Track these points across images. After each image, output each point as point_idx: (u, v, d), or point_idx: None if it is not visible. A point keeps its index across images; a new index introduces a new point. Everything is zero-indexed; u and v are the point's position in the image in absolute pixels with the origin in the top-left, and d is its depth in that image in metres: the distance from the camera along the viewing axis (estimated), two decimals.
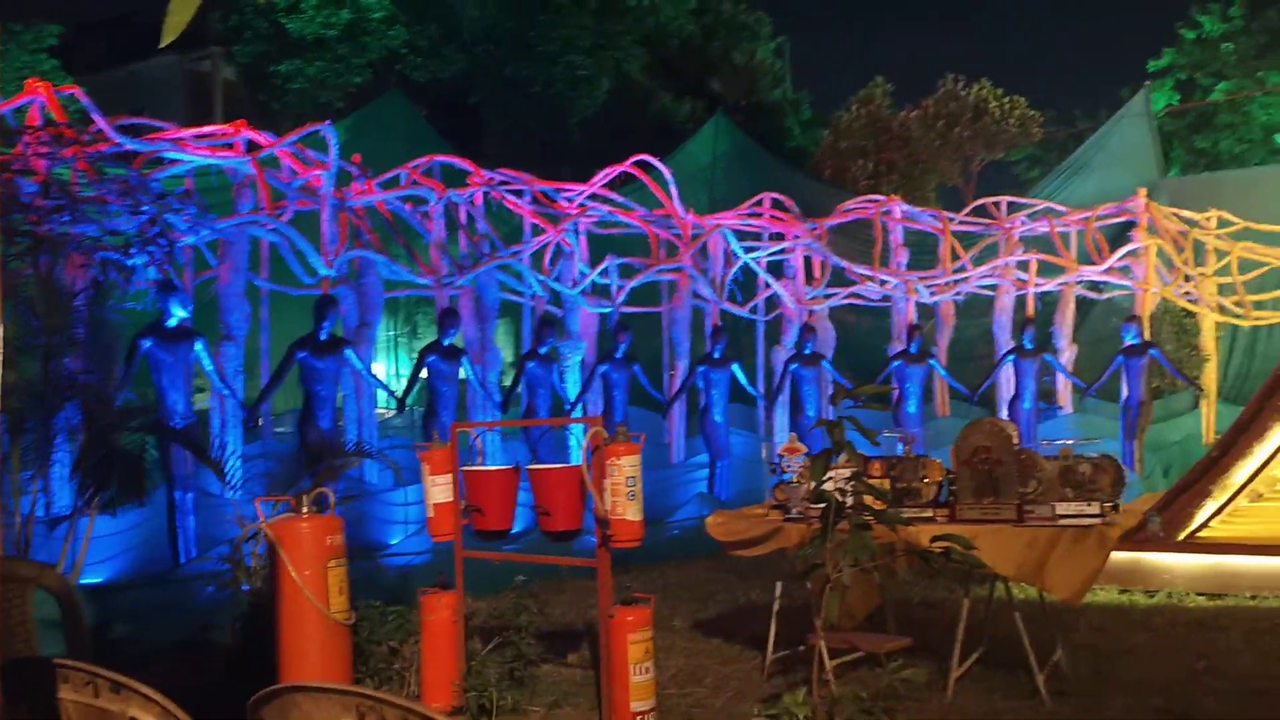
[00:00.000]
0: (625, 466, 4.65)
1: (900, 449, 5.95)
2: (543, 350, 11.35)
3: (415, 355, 11.30)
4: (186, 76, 26.38)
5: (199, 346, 8.66)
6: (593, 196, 12.59)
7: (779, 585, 5.87)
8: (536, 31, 20.90)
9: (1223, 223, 15.55)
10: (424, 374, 10.48)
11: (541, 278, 11.77)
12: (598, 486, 4.69)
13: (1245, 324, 15.44)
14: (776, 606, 5.81)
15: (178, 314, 8.43)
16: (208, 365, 8.84)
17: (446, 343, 10.45)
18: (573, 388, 11.79)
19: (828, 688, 5.28)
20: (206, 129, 9.81)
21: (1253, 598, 7.21)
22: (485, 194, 11.74)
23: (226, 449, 8.60)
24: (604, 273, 12.21)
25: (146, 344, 8.34)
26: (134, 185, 7.73)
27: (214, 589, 6.36)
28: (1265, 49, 27.03)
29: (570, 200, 12.50)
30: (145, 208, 7.72)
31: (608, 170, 12.80)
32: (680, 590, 8.31)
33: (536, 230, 12.04)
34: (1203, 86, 27.75)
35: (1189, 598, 7.38)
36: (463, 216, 11.65)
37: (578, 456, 5.54)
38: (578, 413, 11.57)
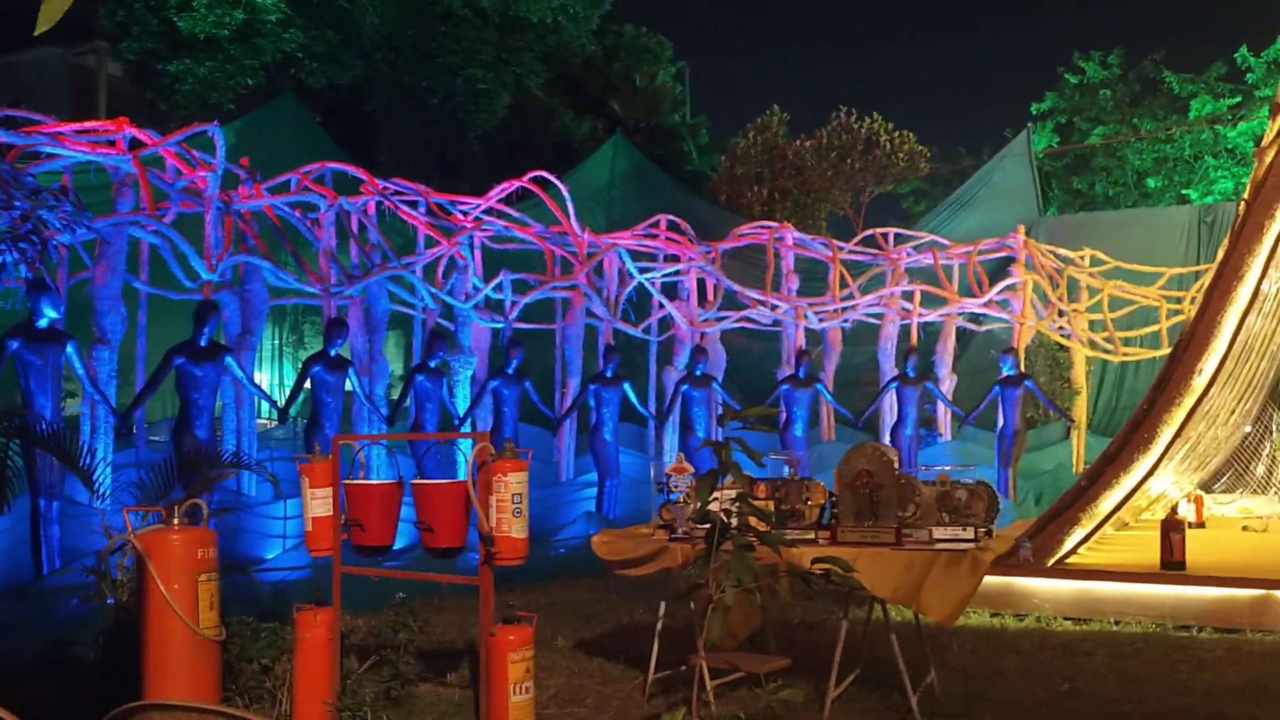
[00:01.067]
0: (512, 483, 4.60)
1: (786, 471, 6.03)
2: (433, 364, 11.22)
3: (300, 365, 11.05)
4: (70, 71, 25.34)
5: (70, 349, 8.33)
6: (489, 211, 12.53)
7: (663, 605, 5.89)
8: (438, 42, 20.72)
9: (1095, 261, 16.23)
10: (308, 385, 10.25)
11: (434, 290, 11.64)
12: (483, 503, 4.64)
13: (1114, 359, 16.11)
14: (659, 626, 5.82)
15: (49, 315, 8.09)
16: (79, 369, 8.50)
17: (333, 353, 10.24)
18: (462, 402, 11.67)
19: (708, 708, 5.33)
20: (87, 124, 9.45)
21: (1116, 623, 7.48)
22: (379, 203, 11.57)
23: (96, 456, 8.24)
24: (498, 288, 12.13)
25: (14, 345, 7.99)
26: (6, 180, 7.38)
27: (78, 602, 6.09)
28: (1139, 97, 28.39)
29: (466, 214, 12.42)
30: (18, 203, 7.37)
31: (505, 185, 12.76)
32: (564, 609, 8.27)
33: (430, 242, 11.91)
34: (1081, 130, 28.97)
35: (1056, 622, 7.63)
36: (354, 225, 11.45)
37: (465, 472, 5.46)
38: (466, 428, 11.46)
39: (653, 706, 5.52)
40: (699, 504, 4.47)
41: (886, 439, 13.77)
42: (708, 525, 4.42)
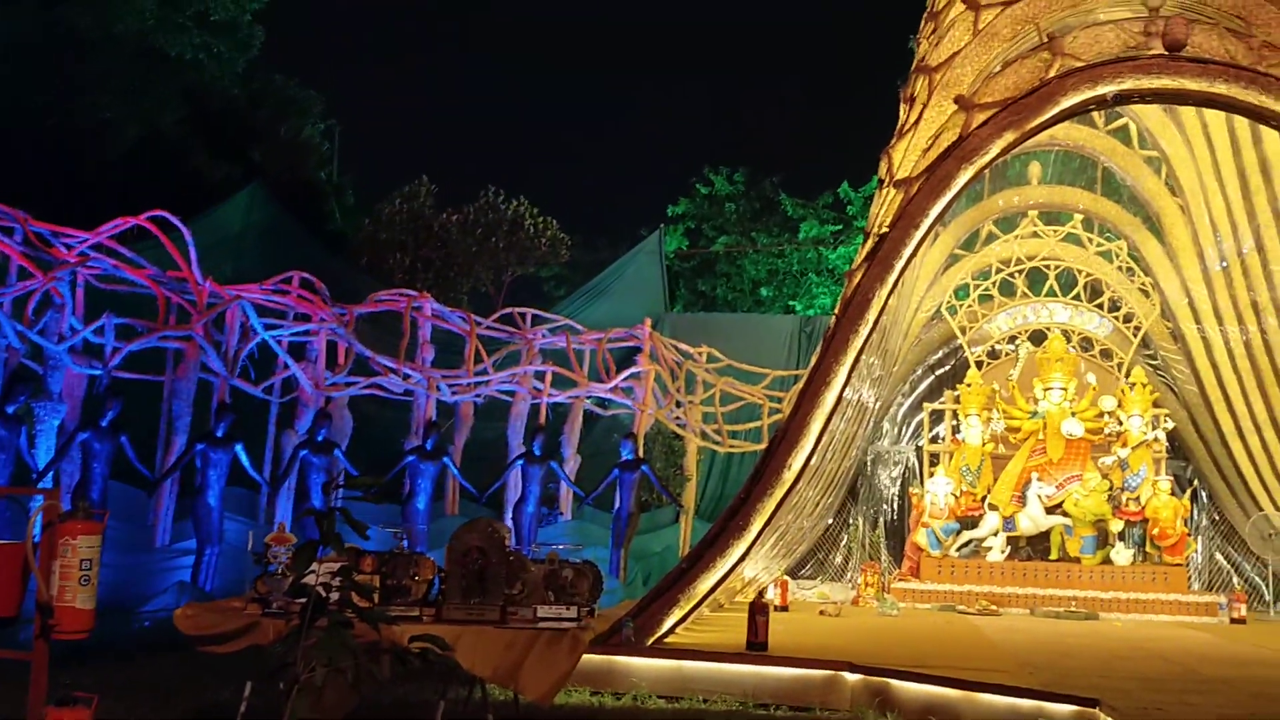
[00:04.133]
0: (81, 547, 4.14)
1: (406, 544, 5.89)
2: (10, 409, 9.99)
3: None
4: None
5: None
6: (98, 246, 11.45)
7: (249, 685, 5.50)
8: (63, 61, 18.95)
9: (712, 358, 17.41)
10: None
11: (21, 328, 10.42)
12: (44, 568, 4.13)
13: (721, 450, 17.25)
14: (243, 707, 5.43)
15: None
16: None
17: None
18: (44, 454, 10.46)
19: None
20: None
21: (705, 701, 7.86)
22: None
23: None
24: (99, 331, 11.07)
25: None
26: None
27: None
28: (759, 214, 31.17)
29: (70, 247, 11.28)
30: None
31: (120, 221, 11.74)
32: (142, 688, 7.50)
33: (24, 274, 10.69)
34: (708, 236, 31.30)
35: (652, 700, 7.90)
36: None
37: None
38: (47, 482, 10.25)
39: None
40: (295, 576, 4.24)
41: (509, 515, 13.86)
42: (304, 600, 4.20)
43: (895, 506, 17.22)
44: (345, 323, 13.57)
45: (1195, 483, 15.75)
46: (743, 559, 9.00)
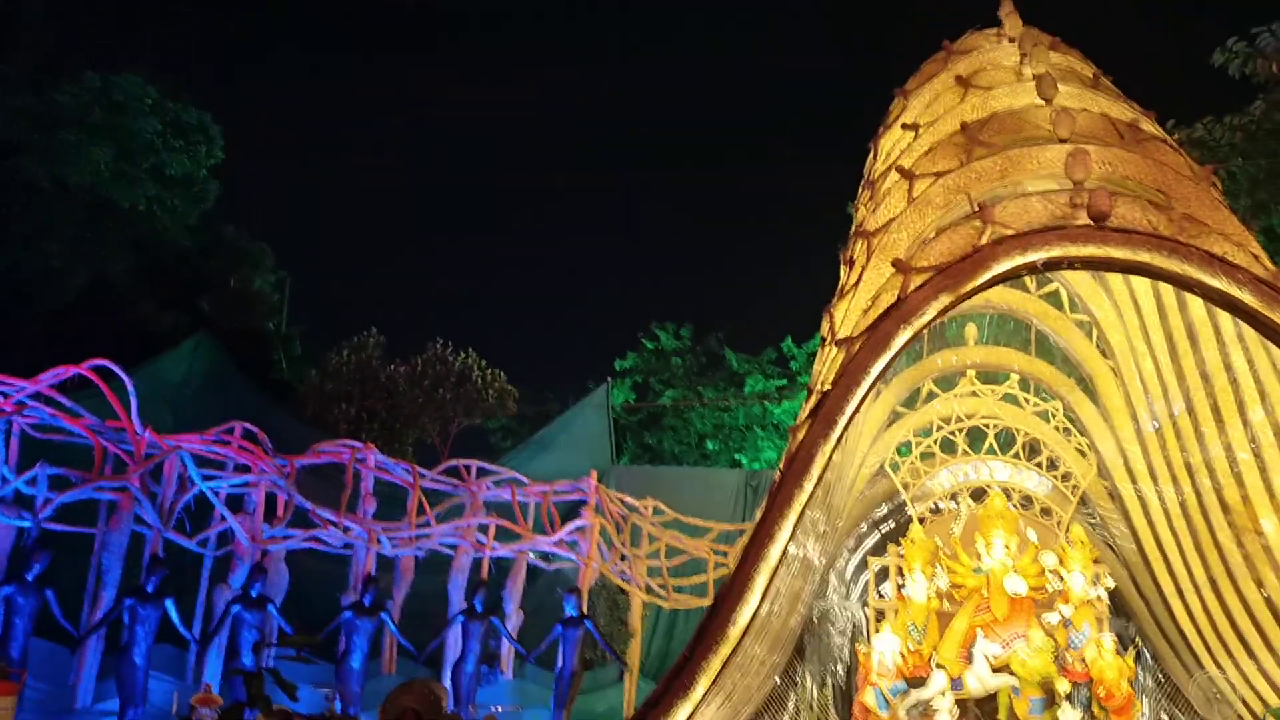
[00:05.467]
0: None
1: (338, 705, 5.69)
2: None
3: None
4: None
5: None
6: (36, 395, 11.31)
7: None
8: (12, 210, 19.07)
9: (657, 511, 17.33)
10: None
11: None
12: None
13: (667, 606, 17.01)
14: None
15: None
16: None
17: None
18: None
19: None
20: None
21: None
22: None
23: None
24: (31, 481, 10.82)
25: None
26: None
27: None
28: (705, 369, 31.64)
29: (8, 395, 11.13)
30: None
31: (61, 370, 11.64)
32: None
33: None
34: (655, 390, 31.62)
35: None
36: None
37: None
38: None
39: None
40: None
41: (448, 675, 13.45)
42: None
43: (843, 665, 16.97)
44: (286, 474, 13.40)
45: (1138, 642, 15.74)
46: None
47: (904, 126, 12.65)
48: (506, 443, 28.23)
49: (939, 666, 14.76)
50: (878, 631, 15.45)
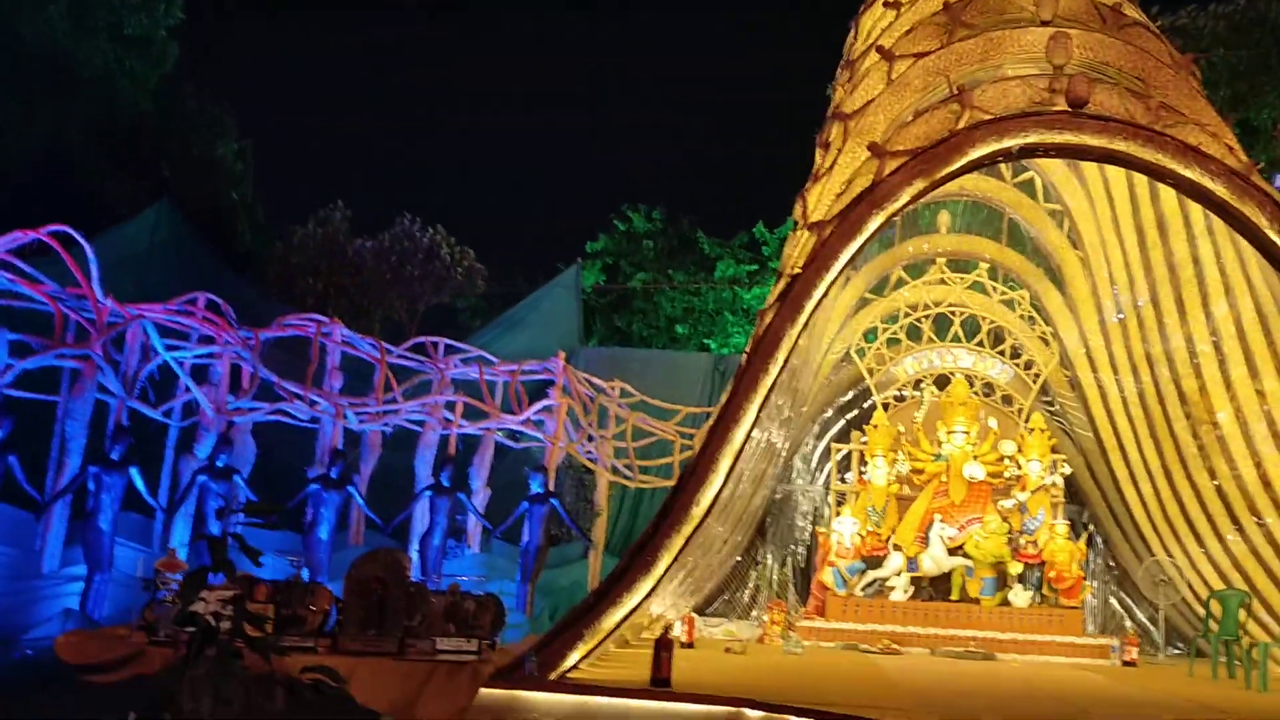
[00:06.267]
0: None
1: (305, 574, 5.75)
2: None
3: None
4: None
5: None
6: None
7: (131, 716, 5.28)
8: None
9: (625, 393, 17.41)
10: None
11: None
12: None
13: (632, 486, 17.24)
14: None
15: None
16: None
17: None
18: None
19: None
20: None
21: None
22: None
23: None
24: None
25: None
26: None
27: None
28: (676, 252, 31.43)
29: None
30: None
31: (19, 234, 11.37)
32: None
33: None
34: (625, 273, 31.44)
35: None
36: None
37: None
38: None
39: None
40: (183, 604, 4.10)
41: (415, 547, 13.64)
42: (192, 628, 4.06)
43: (803, 546, 17.38)
44: (251, 346, 13.29)
45: (1091, 527, 16.20)
46: (650, 595, 8.96)
47: (885, 4, 12.37)
48: (475, 321, 28.11)
49: (896, 548, 15.15)
50: (838, 514, 15.80)
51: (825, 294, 9.59)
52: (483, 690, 7.55)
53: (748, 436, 9.24)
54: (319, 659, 4.85)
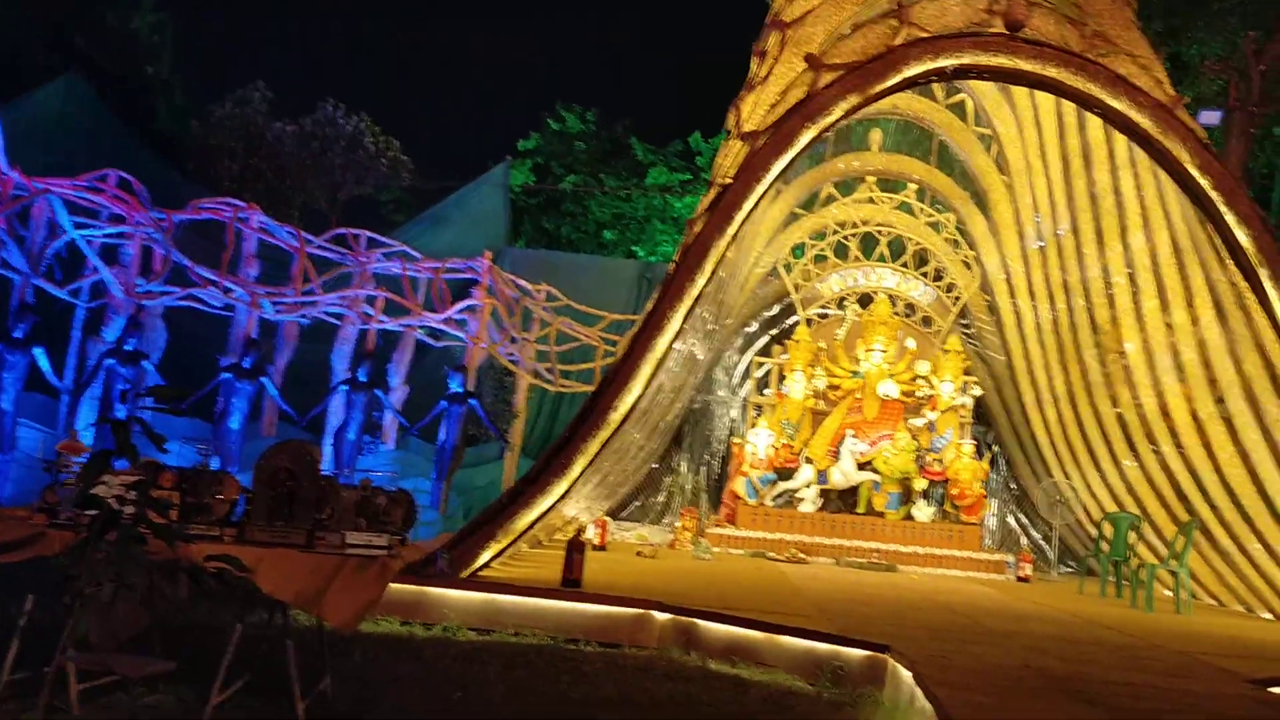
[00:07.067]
0: None
1: (214, 463, 5.64)
2: None
3: None
4: None
5: None
6: None
7: (30, 598, 5.20)
8: None
9: (551, 296, 17.31)
10: None
11: None
12: None
13: (553, 390, 17.26)
14: (23, 622, 5.13)
15: None
16: None
17: None
18: None
19: (67, 713, 4.77)
20: None
21: (515, 634, 7.91)
22: None
23: None
24: None
25: None
26: None
27: None
28: (609, 156, 31.06)
29: None
30: None
31: None
32: None
33: None
34: (556, 175, 31.02)
35: (462, 632, 7.89)
36: None
37: None
38: None
39: (5, 712, 4.84)
40: (85, 487, 4.01)
41: (329, 441, 13.53)
42: (93, 512, 3.98)
43: (719, 456, 17.64)
44: (164, 228, 12.87)
45: (995, 448, 16.69)
46: (564, 498, 9.03)
47: None
48: (399, 216, 27.57)
49: (808, 460, 15.47)
50: (754, 426, 16.03)
51: (755, 206, 9.56)
52: (392, 585, 7.58)
53: (670, 345, 9.26)
54: (225, 548, 4.79)
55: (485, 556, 8.61)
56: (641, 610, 7.96)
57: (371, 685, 6.11)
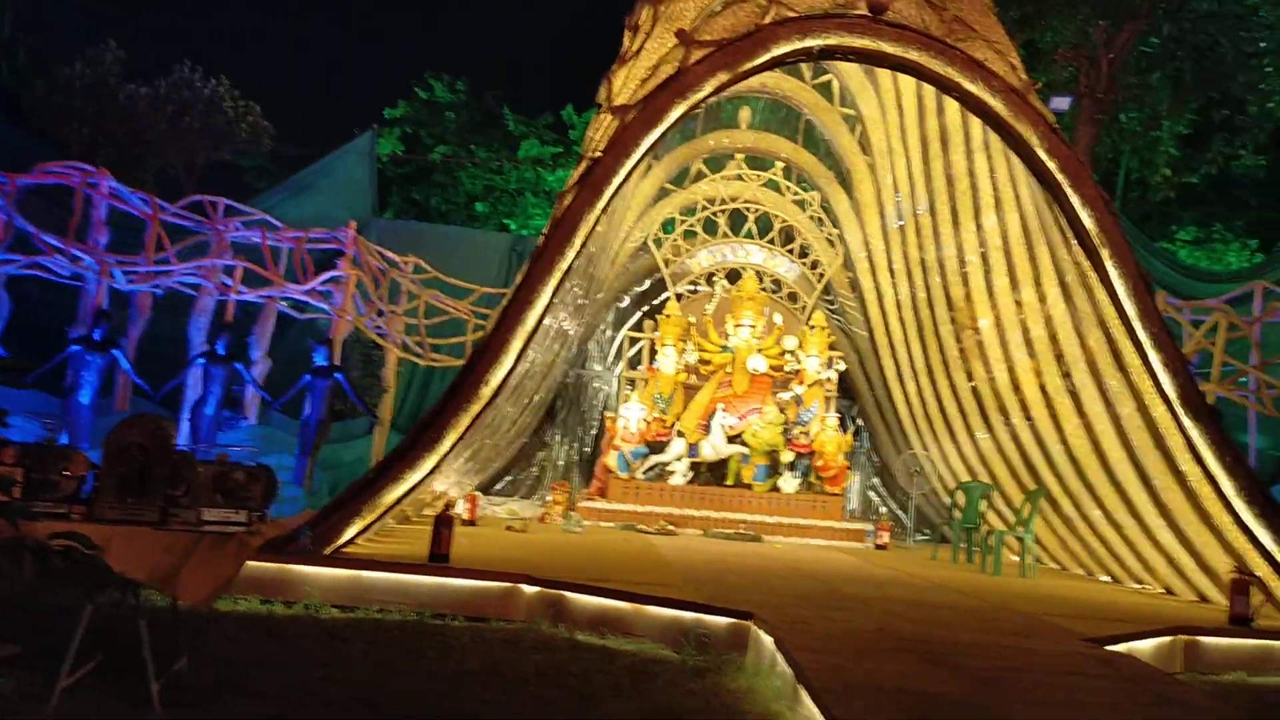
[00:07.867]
0: None
1: (62, 438, 5.39)
2: None
3: None
4: None
5: None
6: None
7: None
8: None
9: (419, 269, 17.04)
10: None
11: None
12: None
13: (422, 364, 17.03)
14: None
15: None
16: None
17: None
18: None
19: None
20: None
21: (380, 611, 7.81)
22: None
23: None
24: None
25: None
26: None
27: None
28: (480, 127, 30.66)
29: None
30: None
31: None
32: None
33: None
34: (425, 145, 30.47)
35: (325, 609, 7.75)
36: None
37: None
38: None
39: None
40: None
41: (186, 416, 13.07)
42: None
43: (592, 431, 17.70)
44: (6, 192, 12.19)
45: (859, 421, 17.20)
46: (433, 473, 8.94)
47: None
48: (260, 183, 26.70)
49: (679, 434, 15.66)
50: (627, 400, 16.15)
51: (625, 180, 9.59)
52: (252, 563, 7.40)
53: (541, 319, 9.23)
54: (73, 526, 4.60)
55: (350, 532, 8.47)
56: (509, 584, 7.96)
57: (230, 665, 5.96)
